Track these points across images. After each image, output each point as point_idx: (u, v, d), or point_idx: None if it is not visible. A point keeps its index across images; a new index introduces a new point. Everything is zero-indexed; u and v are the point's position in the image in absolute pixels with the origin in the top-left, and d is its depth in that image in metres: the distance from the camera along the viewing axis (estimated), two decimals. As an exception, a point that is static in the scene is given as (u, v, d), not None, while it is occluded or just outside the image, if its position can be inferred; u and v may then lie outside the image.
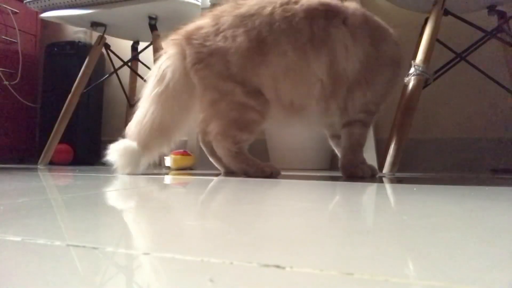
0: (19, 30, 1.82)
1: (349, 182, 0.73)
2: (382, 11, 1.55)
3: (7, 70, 1.76)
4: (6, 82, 1.75)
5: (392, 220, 0.32)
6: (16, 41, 1.80)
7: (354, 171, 0.89)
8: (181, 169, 1.20)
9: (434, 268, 0.18)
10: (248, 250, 0.22)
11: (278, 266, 0.18)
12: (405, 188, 0.63)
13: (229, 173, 0.97)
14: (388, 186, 0.67)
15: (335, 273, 0.18)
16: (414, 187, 0.64)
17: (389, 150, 1.05)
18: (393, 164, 1.04)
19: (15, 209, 0.36)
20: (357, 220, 0.32)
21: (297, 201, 0.44)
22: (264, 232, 0.27)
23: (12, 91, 1.78)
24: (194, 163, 1.24)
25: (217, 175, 0.95)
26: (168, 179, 0.81)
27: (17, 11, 1.80)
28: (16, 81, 1.80)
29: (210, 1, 1.29)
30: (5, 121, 1.77)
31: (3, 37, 1.73)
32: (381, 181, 0.79)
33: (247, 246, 0.22)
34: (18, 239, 0.24)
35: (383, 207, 0.41)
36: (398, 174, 1.06)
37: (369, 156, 1.12)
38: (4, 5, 1.74)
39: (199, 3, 1.37)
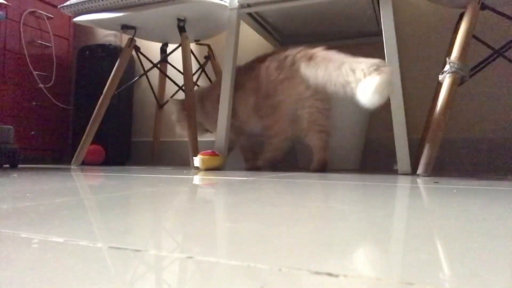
0: (53, 34, 1.88)
1: (382, 183, 0.71)
2: (415, 8, 1.51)
3: (42, 73, 1.83)
4: (41, 85, 1.81)
5: (440, 223, 0.30)
6: (50, 45, 1.86)
7: None
8: (209, 170, 1.21)
9: (503, 276, 0.17)
10: (296, 255, 0.21)
11: (330, 274, 0.17)
12: (444, 190, 0.61)
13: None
14: (425, 188, 0.64)
15: (394, 282, 0.16)
16: (454, 189, 0.62)
17: (424, 150, 1.02)
18: (428, 164, 1.01)
19: (55, 209, 0.37)
20: (404, 224, 0.30)
21: (335, 203, 0.43)
22: (310, 236, 0.26)
23: (47, 93, 1.84)
24: (222, 164, 1.24)
25: (244, 176, 0.94)
26: (198, 179, 0.81)
27: (52, 16, 1.86)
28: (50, 84, 1.86)
29: (238, 2, 1.29)
30: (40, 122, 1.83)
31: (38, 41, 1.79)
32: (416, 183, 0.76)
33: (295, 251, 0.22)
34: (61, 240, 0.24)
35: (427, 210, 0.39)
36: (433, 175, 1.02)
37: (402, 156, 1.08)
38: (40, 11, 1.80)
39: (227, 4, 1.38)
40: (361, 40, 1.57)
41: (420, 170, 1.01)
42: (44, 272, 0.17)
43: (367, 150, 1.56)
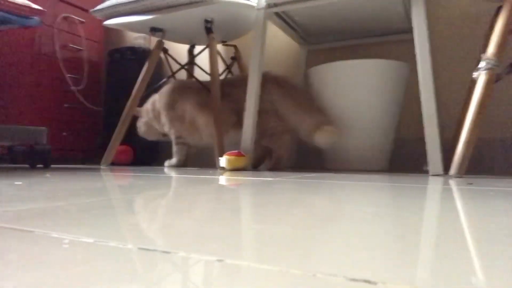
0: (85, 38, 1.93)
1: (414, 185, 0.69)
2: (447, 2, 1.46)
3: (74, 76, 1.88)
4: (73, 88, 1.86)
5: (482, 228, 0.29)
6: (82, 48, 1.91)
7: None
8: (235, 170, 1.20)
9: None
10: (331, 260, 0.20)
11: (368, 282, 0.16)
12: (480, 192, 0.58)
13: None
14: (459, 190, 0.62)
15: (438, 293, 0.15)
16: (490, 191, 0.59)
17: (457, 151, 0.98)
18: (461, 165, 0.97)
19: (85, 209, 0.37)
20: (441, 228, 0.29)
21: (367, 205, 0.42)
22: (344, 240, 0.25)
23: (79, 95, 1.89)
24: (247, 164, 1.24)
25: (270, 177, 0.93)
26: (224, 180, 0.81)
27: (83, 20, 1.91)
28: (81, 86, 1.91)
29: (265, 1, 1.28)
30: (71, 124, 1.88)
31: (71, 45, 1.85)
32: (449, 184, 0.73)
33: (329, 256, 0.21)
34: (91, 240, 0.24)
35: (463, 213, 0.37)
36: (466, 177, 0.98)
37: (434, 157, 1.05)
38: (73, 16, 1.85)
39: (254, 4, 1.37)
40: (389, 38, 1.54)
41: (452, 171, 0.98)
42: (76, 273, 0.17)
43: (394, 150, 1.52)
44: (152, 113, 1.56)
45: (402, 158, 1.51)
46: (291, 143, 1.39)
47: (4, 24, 1.30)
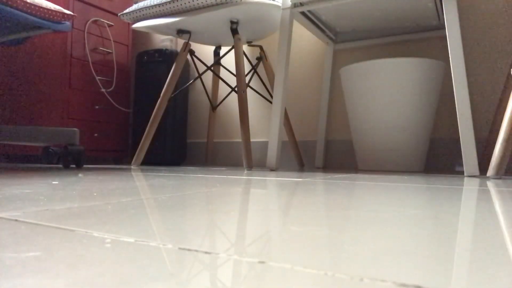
0: (114, 41, 1.98)
1: (447, 186, 0.66)
2: (479, -2, 1.41)
3: (104, 78, 1.92)
4: (103, 90, 1.91)
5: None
6: (111, 51, 1.96)
7: None
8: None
9: None
10: (377, 264, 0.19)
11: (419, 287, 0.16)
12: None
13: None
14: (497, 192, 0.59)
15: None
16: (534, 193, 0.56)
17: (495, 151, 0.94)
18: (499, 165, 0.93)
19: (122, 208, 0.38)
20: (488, 234, 0.28)
21: (405, 207, 0.41)
22: (388, 243, 0.24)
23: (109, 97, 1.93)
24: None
25: (298, 178, 0.92)
26: (253, 180, 0.81)
27: (112, 24, 1.96)
28: (111, 88, 1.95)
29: (291, 1, 1.28)
30: (102, 125, 1.93)
31: (100, 48, 1.90)
32: (490, 186, 0.70)
33: (374, 260, 0.20)
34: (131, 240, 0.24)
35: (507, 218, 0.35)
36: (504, 178, 0.94)
37: (469, 158, 1.01)
38: (102, 20, 1.90)
39: (280, 4, 1.37)
40: (420, 35, 1.50)
41: (490, 172, 0.94)
42: (121, 274, 0.17)
43: (429, 151, 1.48)
44: None
45: (437, 158, 1.47)
46: None
47: (38, 29, 1.34)
